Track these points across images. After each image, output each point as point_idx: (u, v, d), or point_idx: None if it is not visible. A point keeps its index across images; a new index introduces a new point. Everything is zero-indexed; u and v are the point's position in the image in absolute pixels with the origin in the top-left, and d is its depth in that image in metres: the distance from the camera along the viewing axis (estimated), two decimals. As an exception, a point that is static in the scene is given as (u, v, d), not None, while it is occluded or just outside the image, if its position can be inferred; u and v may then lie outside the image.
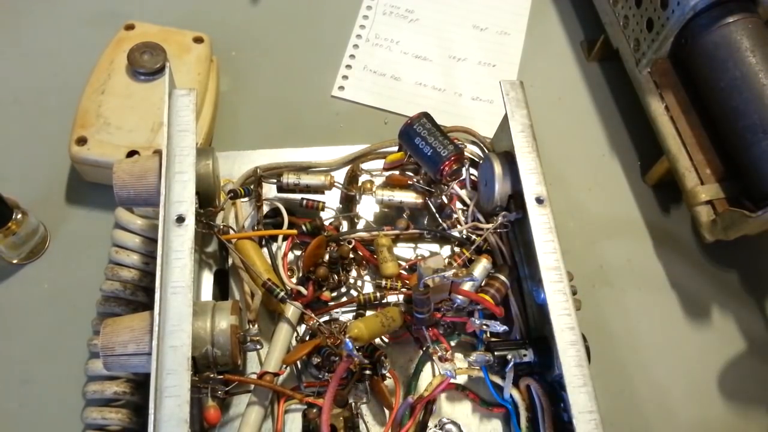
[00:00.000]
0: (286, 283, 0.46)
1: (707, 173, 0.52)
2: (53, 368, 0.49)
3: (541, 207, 0.43)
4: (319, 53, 0.68)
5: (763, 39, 0.51)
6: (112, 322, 0.39)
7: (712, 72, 0.52)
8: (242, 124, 0.62)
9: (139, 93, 0.56)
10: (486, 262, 0.47)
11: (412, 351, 0.47)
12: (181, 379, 0.36)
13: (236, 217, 0.50)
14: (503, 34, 0.71)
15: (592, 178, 0.62)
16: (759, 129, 0.49)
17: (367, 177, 0.52)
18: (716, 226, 0.51)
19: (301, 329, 0.46)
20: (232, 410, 0.44)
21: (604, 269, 0.57)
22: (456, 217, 0.49)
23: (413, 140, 0.48)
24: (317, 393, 0.43)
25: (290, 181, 0.49)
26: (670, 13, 0.54)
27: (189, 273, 0.38)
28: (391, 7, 0.72)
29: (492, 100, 0.66)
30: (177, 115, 0.44)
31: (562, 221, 0.58)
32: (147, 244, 0.48)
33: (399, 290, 0.46)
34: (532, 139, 0.46)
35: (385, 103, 0.65)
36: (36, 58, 0.64)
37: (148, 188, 0.43)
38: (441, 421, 0.44)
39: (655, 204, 0.60)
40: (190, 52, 0.59)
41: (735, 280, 0.57)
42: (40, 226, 0.53)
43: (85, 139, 0.53)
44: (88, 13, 0.68)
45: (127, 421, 0.44)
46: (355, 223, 0.51)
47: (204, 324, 0.40)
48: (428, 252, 0.51)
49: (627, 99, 0.64)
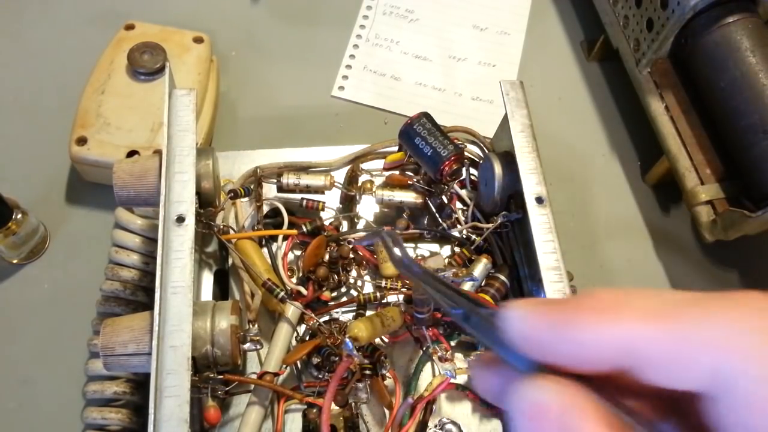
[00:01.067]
0: (286, 283, 0.46)
1: (707, 173, 0.52)
2: (53, 368, 0.49)
3: (541, 207, 0.43)
4: (319, 53, 0.68)
5: (763, 39, 0.51)
6: (112, 322, 0.39)
7: (712, 72, 0.52)
8: (242, 124, 0.62)
9: (139, 93, 0.56)
10: (486, 262, 0.47)
11: (412, 351, 0.47)
12: (181, 379, 0.36)
13: (236, 217, 0.50)
14: (503, 34, 0.71)
15: (592, 178, 0.62)
16: (759, 129, 0.49)
17: (367, 177, 0.52)
18: (716, 226, 0.51)
19: (301, 329, 0.46)
20: (232, 410, 0.44)
21: (604, 269, 0.57)
22: (456, 217, 0.49)
23: (413, 140, 0.48)
24: (317, 393, 0.43)
25: (290, 181, 0.49)
26: (670, 13, 0.54)
27: (189, 273, 0.38)
28: (391, 7, 0.72)
29: (492, 100, 0.66)
30: (177, 115, 0.44)
31: (562, 221, 0.57)
32: (147, 244, 0.48)
33: (399, 290, 0.46)
34: (532, 139, 0.46)
35: (385, 103, 0.65)
36: (36, 58, 0.64)
37: (148, 188, 0.43)
38: (441, 421, 0.44)
39: (655, 204, 0.60)
40: (190, 52, 0.59)
41: (735, 280, 0.57)
42: (40, 226, 0.53)
43: (85, 139, 0.53)
44: (88, 13, 0.68)
45: (127, 421, 0.44)
46: (355, 223, 0.51)
47: (204, 324, 0.40)
48: (428, 252, 0.51)
49: (627, 99, 0.64)
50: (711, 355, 0.16)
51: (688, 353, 0.16)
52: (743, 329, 0.16)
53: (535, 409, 0.17)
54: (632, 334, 0.17)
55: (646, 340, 0.17)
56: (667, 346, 0.16)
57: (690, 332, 0.16)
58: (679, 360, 0.16)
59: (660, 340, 0.16)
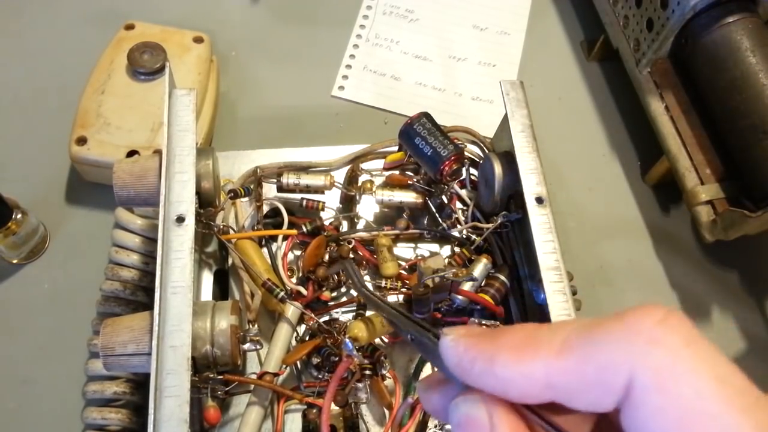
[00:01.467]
0: (286, 283, 0.46)
1: (707, 173, 0.52)
2: (53, 368, 0.49)
3: (541, 207, 0.43)
4: (319, 53, 0.68)
5: (763, 39, 0.51)
6: (112, 322, 0.39)
7: (712, 72, 0.52)
8: (242, 124, 0.62)
9: (139, 93, 0.56)
10: (486, 262, 0.47)
11: (412, 351, 0.46)
12: (181, 379, 0.36)
13: (236, 217, 0.50)
14: (503, 34, 0.71)
15: (592, 178, 0.62)
16: (759, 129, 0.49)
17: (367, 177, 0.52)
18: (716, 226, 0.51)
19: (301, 329, 0.46)
20: (232, 410, 0.44)
21: (604, 269, 0.57)
22: (456, 217, 0.49)
23: (413, 140, 0.48)
24: (317, 393, 0.43)
25: (290, 181, 0.49)
26: (670, 13, 0.54)
27: (189, 273, 0.38)
28: (391, 7, 0.72)
29: (492, 100, 0.66)
30: (177, 115, 0.44)
31: (562, 221, 0.58)
32: (147, 244, 0.48)
33: (399, 290, 0.46)
34: (532, 139, 0.46)
35: (385, 103, 0.65)
36: (36, 58, 0.64)
37: (148, 188, 0.43)
38: (441, 422, 0.44)
39: (655, 204, 0.60)
40: (190, 52, 0.59)
41: (735, 280, 0.57)
42: (40, 226, 0.53)
43: (85, 139, 0.53)
44: (88, 13, 0.68)
45: (127, 421, 0.44)
46: (355, 223, 0.51)
47: (204, 324, 0.40)
48: (428, 252, 0.51)
49: (627, 99, 0.64)
50: (621, 377, 0.17)
51: (601, 379, 0.17)
52: (643, 346, 0.17)
53: (465, 420, 0.19)
54: (549, 370, 0.18)
55: (562, 374, 0.18)
56: (578, 376, 0.18)
57: (597, 360, 0.17)
58: (593, 388, 0.18)
59: (571, 371, 0.18)
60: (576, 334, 0.18)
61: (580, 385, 0.18)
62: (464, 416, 0.19)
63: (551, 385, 0.18)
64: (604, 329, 0.18)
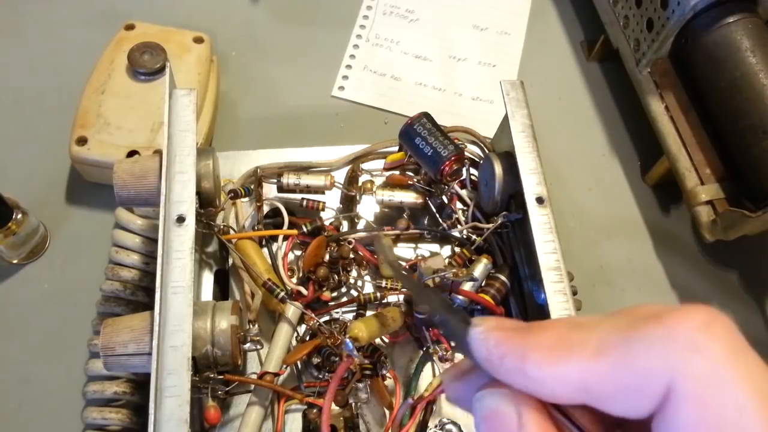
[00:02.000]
0: (287, 283, 0.46)
1: (707, 173, 0.52)
2: (53, 368, 0.49)
3: (541, 207, 0.43)
4: (319, 53, 0.68)
5: (763, 39, 0.51)
6: (112, 322, 0.39)
7: (712, 72, 0.52)
8: (242, 124, 0.62)
9: (139, 93, 0.56)
10: (486, 262, 0.47)
11: (412, 351, 0.47)
12: (182, 379, 0.36)
13: (236, 217, 0.50)
14: (503, 34, 0.71)
15: (592, 178, 0.62)
16: (759, 129, 0.49)
17: (367, 177, 0.52)
18: (716, 226, 0.51)
19: (301, 329, 0.46)
20: (232, 410, 0.44)
21: (604, 269, 0.57)
22: (456, 217, 0.49)
23: (413, 140, 0.48)
24: (317, 393, 0.43)
25: (290, 181, 0.49)
26: (670, 13, 0.54)
27: (189, 273, 0.38)
28: (391, 7, 0.72)
29: (492, 100, 0.66)
30: (177, 115, 0.44)
31: (562, 221, 0.58)
32: (147, 244, 0.48)
33: (399, 290, 0.46)
34: (533, 139, 0.46)
35: (385, 103, 0.65)
36: (36, 58, 0.64)
37: (148, 188, 0.43)
38: (441, 422, 0.44)
39: (655, 204, 0.60)
40: (190, 52, 0.59)
41: (735, 280, 0.57)
42: (40, 226, 0.53)
43: (85, 139, 0.53)
44: (88, 13, 0.68)
45: (127, 421, 0.44)
46: (355, 223, 0.51)
47: (204, 324, 0.40)
48: (428, 252, 0.51)
49: (627, 99, 0.64)
50: (659, 384, 0.16)
51: (637, 385, 0.17)
52: (683, 353, 0.16)
53: (491, 414, 0.19)
54: (584, 374, 0.17)
55: (597, 377, 0.17)
56: (614, 381, 0.17)
57: (634, 365, 0.17)
58: (629, 394, 0.17)
59: (607, 376, 0.17)
60: (613, 336, 0.17)
61: (615, 390, 0.17)
62: (490, 410, 0.19)
63: (585, 389, 0.17)
64: (643, 332, 0.17)
